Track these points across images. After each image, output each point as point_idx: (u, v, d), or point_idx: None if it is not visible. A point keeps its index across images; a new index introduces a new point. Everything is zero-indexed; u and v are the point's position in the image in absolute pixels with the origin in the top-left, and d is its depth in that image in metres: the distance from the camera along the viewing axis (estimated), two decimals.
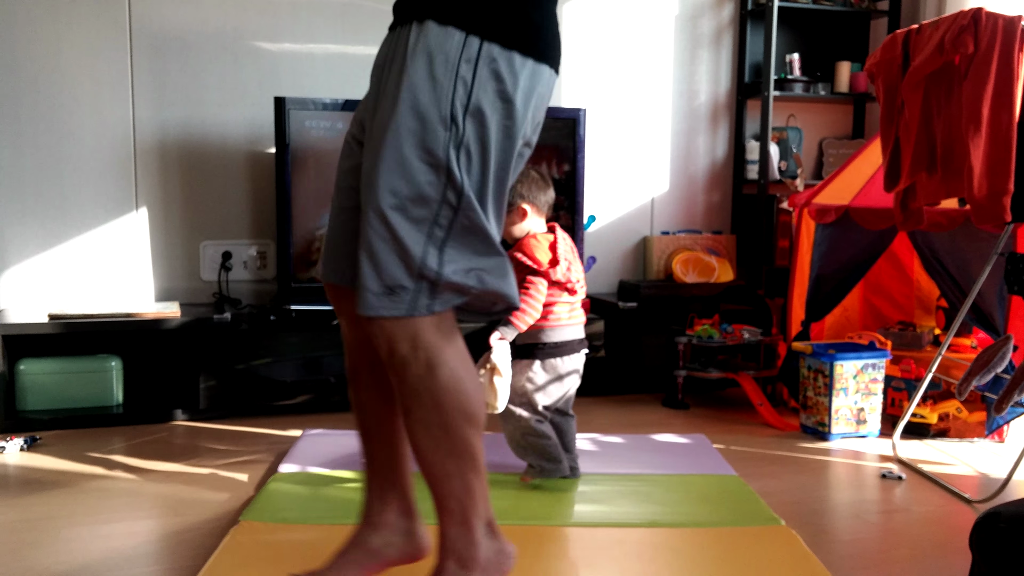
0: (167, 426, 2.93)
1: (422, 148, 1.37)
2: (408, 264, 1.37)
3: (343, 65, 3.39)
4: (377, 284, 1.37)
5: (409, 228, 1.37)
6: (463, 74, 1.37)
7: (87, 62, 3.13)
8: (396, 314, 1.38)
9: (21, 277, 3.14)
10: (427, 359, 1.41)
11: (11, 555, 1.90)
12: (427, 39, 1.39)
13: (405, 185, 1.36)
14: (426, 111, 1.36)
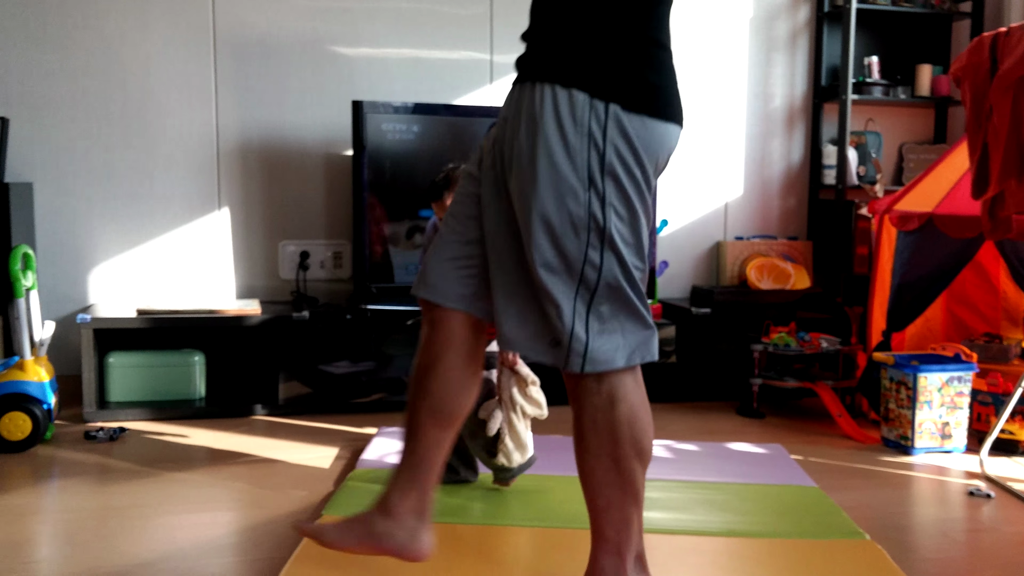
0: (247, 420, 3.00)
1: (565, 211, 1.43)
2: (563, 321, 1.46)
3: (417, 69, 3.43)
4: (545, 335, 1.48)
5: (560, 289, 1.45)
6: (595, 135, 1.42)
7: (174, 67, 3.22)
8: (559, 365, 1.48)
9: (111, 273, 3.24)
10: (610, 392, 1.48)
11: (103, 541, 1.96)
12: (555, 102, 1.43)
13: (551, 244, 1.44)
14: (565, 174, 1.42)
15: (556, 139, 1.42)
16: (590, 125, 1.42)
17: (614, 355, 1.47)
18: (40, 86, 3.11)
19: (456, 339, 1.59)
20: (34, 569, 1.83)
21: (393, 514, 1.62)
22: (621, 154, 1.43)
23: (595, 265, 1.45)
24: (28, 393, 2.57)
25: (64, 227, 3.18)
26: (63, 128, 3.14)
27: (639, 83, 1.46)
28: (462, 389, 1.62)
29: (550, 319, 1.46)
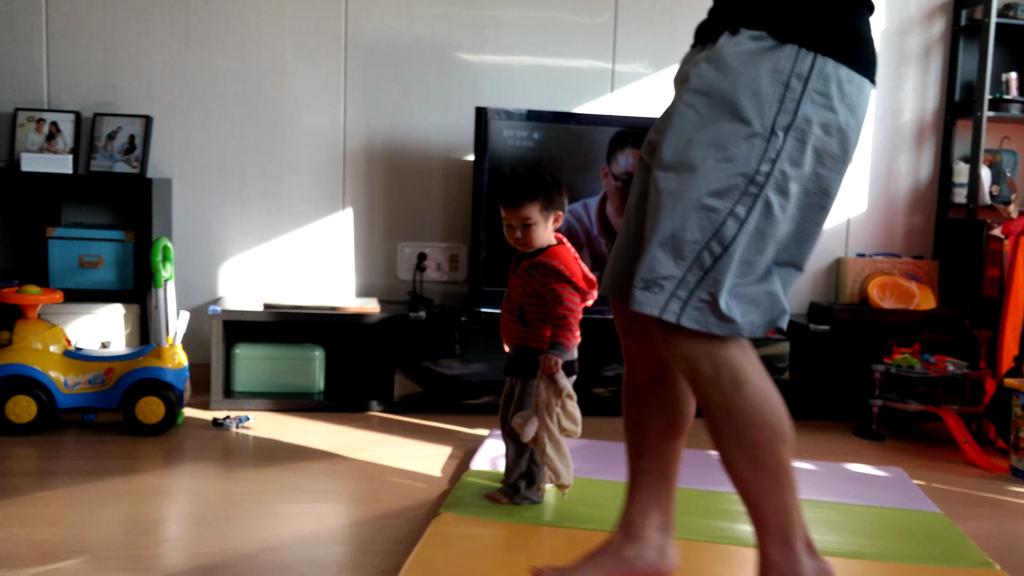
0: (362, 415, 3.08)
1: (729, 155, 1.34)
2: (678, 256, 1.35)
3: (541, 77, 3.47)
4: (641, 274, 1.37)
5: (694, 226, 1.34)
6: (793, 88, 1.34)
7: (307, 71, 3.34)
8: (650, 311, 1.37)
9: (239, 267, 3.38)
10: (731, 377, 1.40)
11: (231, 524, 2.05)
12: (758, 50, 1.35)
13: (705, 184, 1.35)
14: (747, 119, 1.34)
15: (749, 84, 1.34)
16: (791, 76, 1.34)
17: (707, 321, 1.36)
18: (182, 87, 3.27)
19: (632, 327, 1.58)
20: (168, 547, 1.93)
21: (639, 537, 1.63)
22: (818, 111, 1.35)
23: (739, 218, 1.34)
24: (163, 379, 2.69)
25: (198, 222, 3.33)
26: (202, 127, 3.30)
27: (851, 34, 1.37)
28: (684, 389, 1.59)
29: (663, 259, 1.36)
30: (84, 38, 3.19)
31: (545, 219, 2.14)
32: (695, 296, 1.35)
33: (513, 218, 2.14)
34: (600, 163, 3.25)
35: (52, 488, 2.23)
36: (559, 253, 2.14)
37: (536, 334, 2.15)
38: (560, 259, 2.12)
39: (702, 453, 2.76)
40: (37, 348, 2.65)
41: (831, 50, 1.35)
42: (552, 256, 2.13)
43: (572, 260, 2.14)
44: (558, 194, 2.16)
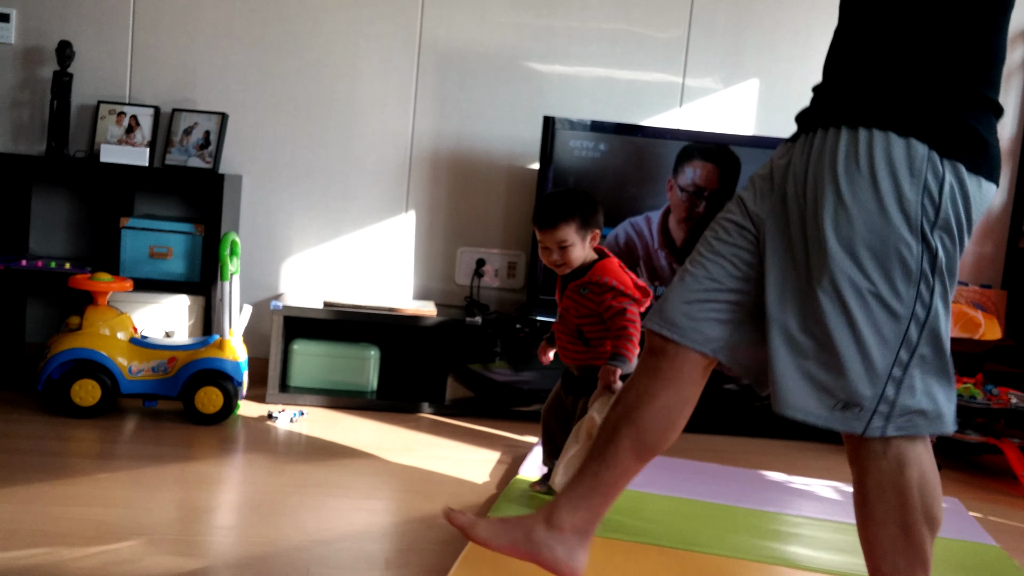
0: (414, 416, 3.11)
1: (895, 260, 1.37)
2: (872, 380, 1.38)
3: (609, 88, 3.48)
4: (831, 399, 1.41)
5: (877, 343, 1.38)
6: (931, 189, 1.36)
7: (379, 75, 3.40)
8: (853, 431, 1.40)
9: (302, 264, 3.44)
10: (897, 456, 1.41)
11: (285, 515, 2.09)
12: (888, 149, 1.37)
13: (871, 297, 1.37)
14: (896, 224, 1.36)
15: (888, 186, 1.36)
16: (926, 178, 1.36)
17: (916, 424, 1.39)
18: (258, 86, 3.35)
19: (683, 379, 1.56)
20: (221, 534, 1.98)
21: (557, 527, 1.62)
22: (957, 213, 1.37)
23: (920, 321, 1.38)
24: (223, 371, 2.76)
25: (265, 218, 3.41)
26: (274, 126, 3.37)
27: (980, 143, 1.39)
28: (671, 427, 1.59)
29: (849, 378, 1.39)
30: (167, 36, 3.29)
31: (582, 239, 2.13)
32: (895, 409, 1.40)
33: (549, 240, 2.13)
34: (666, 177, 3.25)
35: (111, 471, 2.30)
36: (607, 267, 2.13)
37: (599, 352, 2.16)
38: (609, 273, 2.11)
39: (751, 472, 2.74)
40: (105, 334, 2.74)
41: (962, 156, 1.37)
42: (601, 272, 2.12)
43: (620, 271, 2.14)
44: (594, 213, 2.15)
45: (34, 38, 3.23)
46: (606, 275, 2.10)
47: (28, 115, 3.25)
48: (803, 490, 2.63)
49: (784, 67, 3.54)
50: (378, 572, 1.83)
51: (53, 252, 3.31)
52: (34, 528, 1.88)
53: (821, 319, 1.39)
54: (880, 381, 1.38)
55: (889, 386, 1.38)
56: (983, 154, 1.39)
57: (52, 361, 2.69)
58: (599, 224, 2.16)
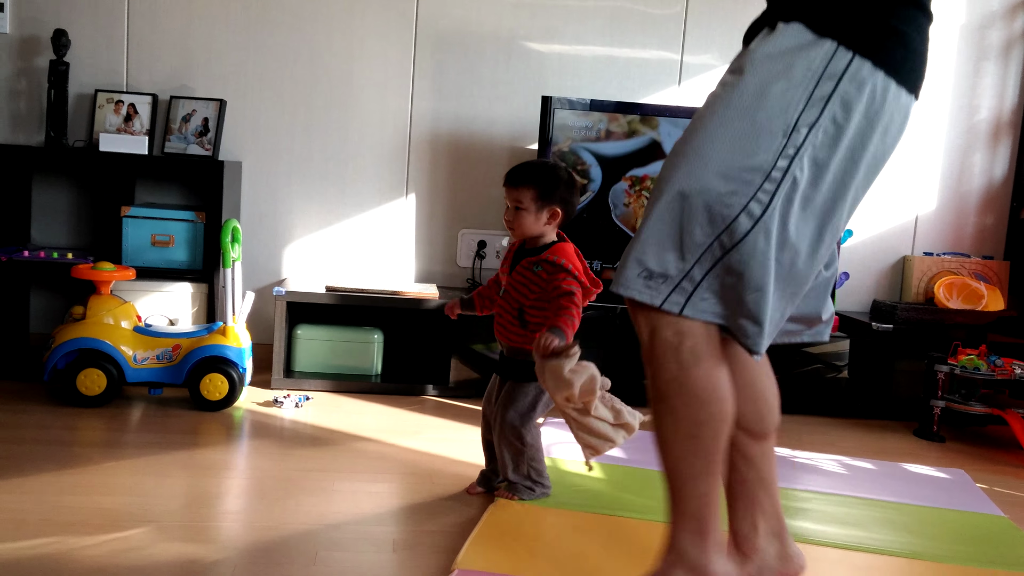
0: (418, 399, 3.12)
1: (750, 146, 1.31)
2: (682, 253, 1.33)
3: (608, 67, 3.46)
4: (639, 265, 1.36)
5: (702, 222, 1.32)
6: (822, 86, 1.30)
7: (376, 57, 3.38)
8: (645, 301, 1.35)
9: (304, 250, 3.44)
10: (693, 349, 1.36)
11: (291, 500, 2.10)
12: (790, 42, 1.32)
13: (718, 171, 1.32)
14: (770, 112, 1.31)
15: (777, 77, 1.31)
16: (822, 75, 1.30)
17: (705, 310, 1.34)
18: (255, 72, 3.33)
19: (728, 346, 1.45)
20: (228, 520, 1.98)
21: (753, 549, 1.57)
22: (844, 113, 1.31)
23: (753, 216, 1.31)
24: (228, 357, 2.76)
25: (266, 204, 3.40)
26: (272, 111, 3.36)
27: (897, 40, 1.32)
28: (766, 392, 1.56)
29: (668, 252, 1.34)
30: (163, 22, 3.27)
31: (537, 210, 2.06)
32: (697, 289, 1.35)
33: (509, 198, 2.10)
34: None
35: (118, 459, 2.31)
36: (564, 250, 2.09)
37: (535, 337, 2.03)
38: (566, 256, 2.07)
39: None
40: (109, 323, 2.74)
41: (871, 53, 1.30)
42: (558, 252, 2.07)
43: (575, 257, 2.10)
44: (561, 190, 2.07)
45: (29, 27, 3.21)
46: (560, 256, 2.05)
47: (26, 105, 3.24)
48: (808, 464, 2.64)
49: None
50: (385, 555, 1.84)
51: (55, 242, 3.31)
52: (42, 518, 1.89)
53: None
54: (689, 262, 1.33)
55: (696, 269, 1.34)
56: (898, 53, 1.32)
57: (57, 351, 2.69)
58: (564, 203, 2.08)
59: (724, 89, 1.37)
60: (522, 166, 2.13)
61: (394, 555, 1.84)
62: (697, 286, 1.34)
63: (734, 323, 1.35)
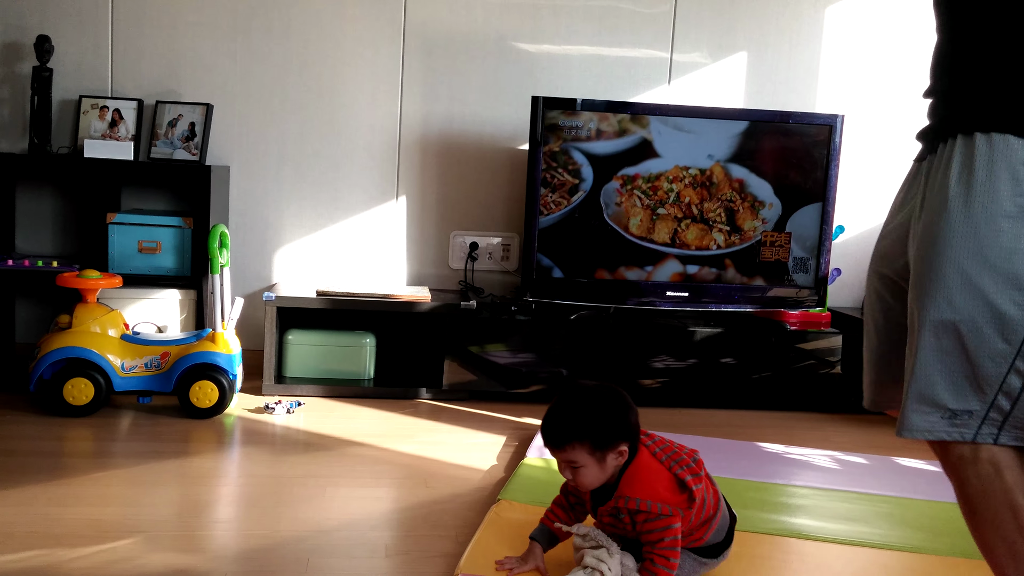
0: (412, 402, 3.10)
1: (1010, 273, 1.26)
2: (980, 386, 1.30)
3: (598, 66, 3.44)
4: (939, 404, 1.32)
5: (986, 355, 1.28)
6: None
7: (365, 60, 3.36)
8: (958, 439, 1.33)
9: (294, 254, 3.42)
10: (991, 459, 1.32)
11: (286, 507, 2.08)
12: (1003, 152, 1.25)
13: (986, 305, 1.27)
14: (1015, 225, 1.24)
15: (1008, 191, 1.24)
16: None
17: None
18: (242, 75, 3.31)
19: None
20: (220, 528, 1.96)
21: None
22: None
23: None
24: (217, 364, 2.74)
25: (255, 209, 3.37)
26: (260, 115, 3.33)
27: None
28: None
29: (962, 386, 1.31)
30: (148, 27, 3.25)
31: (599, 460, 1.66)
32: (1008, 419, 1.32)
33: (559, 458, 1.70)
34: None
35: (107, 469, 2.28)
36: (635, 480, 1.68)
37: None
38: (639, 489, 1.66)
39: (749, 444, 2.73)
40: (96, 332, 2.72)
41: None
42: (629, 489, 1.67)
43: (655, 480, 1.67)
44: (614, 428, 1.66)
45: (11, 33, 3.18)
46: (636, 494, 1.65)
47: (8, 112, 3.21)
48: (801, 460, 2.63)
49: (772, 40, 3.51)
50: (378, 560, 1.82)
51: (40, 250, 3.27)
52: (31, 530, 1.87)
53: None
54: (994, 388, 1.30)
55: (1001, 397, 1.30)
56: None
57: (43, 361, 2.66)
58: (626, 437, 1.67)
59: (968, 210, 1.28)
60: (556, 418, 1.68)
61: (387, 560, 1.82)
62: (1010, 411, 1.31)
63: None
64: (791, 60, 3.53)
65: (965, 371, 1.30)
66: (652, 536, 1.64)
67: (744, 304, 3.29)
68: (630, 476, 1.66)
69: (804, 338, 3.28)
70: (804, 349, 3.26)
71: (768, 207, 3.26)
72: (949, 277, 1.28)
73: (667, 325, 3.25)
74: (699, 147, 3.21)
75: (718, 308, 3.28)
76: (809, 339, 3.28)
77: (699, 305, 3.26)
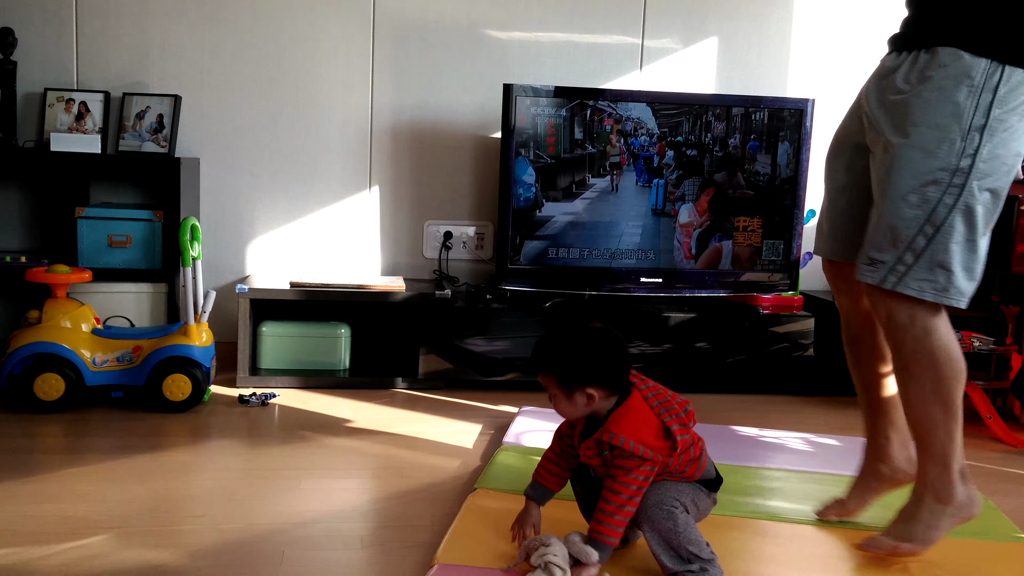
0: (388, 392, 3.09)
1: (935, 157, 1.66)
2: (895, 243, 1.69)
3: (570, 53, 3.44)
4: (863, 255, 1.74)
5: (907, 216, 1.67)
6: (984, 96, 1.64)
7: (335, 49, 3.33)
8: (871, 282, 1.72)
9: (266, 246, 3.40)
10: (923, 326, 1.69)
11: (260, 500, 2.07)
12: (956, 69, 1.66)
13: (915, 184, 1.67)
14: (947, 126, 1.65)
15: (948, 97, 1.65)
16: (983, 87, 1.64)
17: (923, 288, 1.67)
18: (211, 66, 3.27)
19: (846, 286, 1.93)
20: (199, 523, 1.95)
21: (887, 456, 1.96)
22: (1006, 114, 1.64)
23: (948, 206, 1.66)
24: (190, 357, 2.72)
25: (226, 201, 3.35)
26: (229, 106, 3.30)
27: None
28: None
29: (884, 242, 1.70)
30: (114, 17, 3.20)
31: (567, 396, 1.66)
32: (910, 271, 1.69)
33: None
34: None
35: (79, 465, 2.26)
36: (622, 418, 1.66)
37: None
38: (625, 427, 1.64)
39: (723, 427, 2.75)
40: (66, 327, 2.69)
41: (1018, 60, 1.64)
42: (614, 426, 1.64)
43: (642, 423, 1.65)
44: (584, 371, 1.64)
45: None
46: (620, 432, 1.63)
47: None
48: (775, 443, 2.65)
49: (743, 25, 3.52)
50: (354, 551, 1.82)
51: (8, 246, 3.23)
52: (1, 528, 1.85)
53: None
54: (901, 246, 1.68)
55: (907, 255, 1.68)
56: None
57: (12, 356, 2.63)
58: (595, 381, 1.65)
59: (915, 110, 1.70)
60: (543, 342, 1.70)
61: (363, 552, 1.82)
62: (908, 268, 1.69)
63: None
64: (762, 45, 3.55)
65: (888, 231, 1.70)
66: (618, 473, 1.63)
67: (717, 289, 3.31)
68: (619, 415, 1.66)
69: (777, 322, 3.30)
70: (777, 332, 3.29)
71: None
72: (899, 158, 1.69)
73: (641, 311, 3.27)
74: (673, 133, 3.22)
75: (691, 293, 3.30)
76: (782, 323, 3.30)
77: (672, 291, 3.28)
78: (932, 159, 1.65)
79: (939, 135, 1.64)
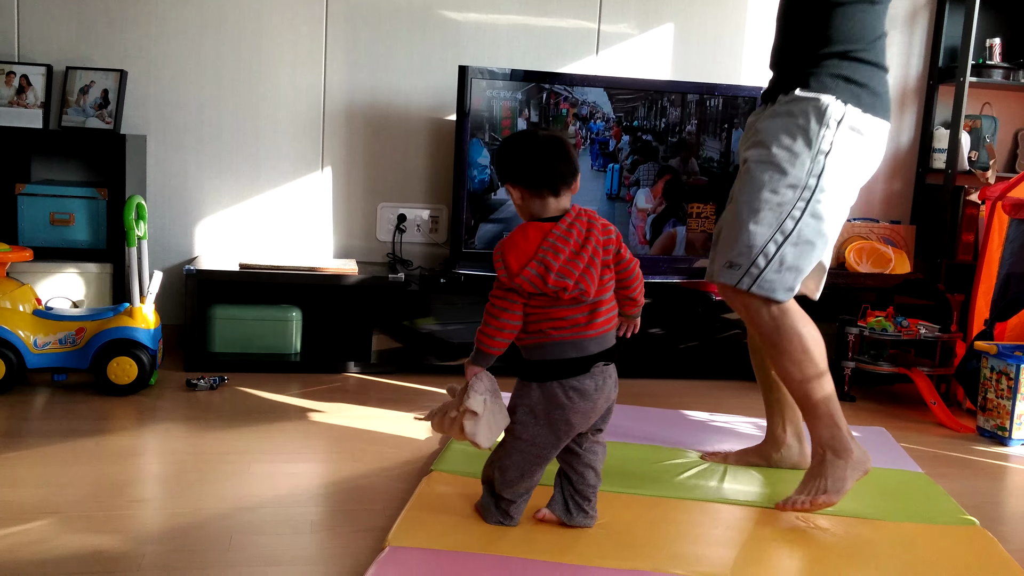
0: (340, 376, 3.06)
1: (784, 175, 1.92)
2: (750, 250, 1.93)
3: (525, 36, 3.42)
4: (722, 258, 1.98)
5: (758, 225, 1.92)
6: (828, 127, 1.91)
7: (286, 28, 3.28)
8: (729, 283, 1.95)
9: (215, 227, 3.33)
10: (777, 308, 1.94)
11: (206, 485, 2.04)
12: (802, 104, 1.94)
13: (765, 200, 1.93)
14: (798, 149, 1.92)
15: (796, 126, 1.93)
16: (826, 120, 1.91)
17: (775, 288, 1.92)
18: (157, 41, 3.20)
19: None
20: (140, 508, 1.91)
21: (782, 443, 2.24)
22: (846, 141, 1.91)
23: (795, 218, 1.91)
24: (136, 339, 2.66)
25: (174, 180, 3.28)
26: (178, 83, 3.23)
27: (870, 91, 1.95)
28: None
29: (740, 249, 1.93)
30: None
31: (508, 190, 1.77)
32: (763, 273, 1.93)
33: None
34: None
35: (21, 449, 2.20)
36: (513, 233, 1.74)
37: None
38: (506, 241, 1.72)
39: (674, 412, 2.77)
40: (6, 307, 2.61)
41: (856, 102, 1.92)
42: (505, 238, 1.75)
43: (517, 244, 1.70)
44: (504, 167, 1.76)
45: None
46: (501, 245, 1.71)
47: None
48: (726, 428, 2.68)
49: (699, 10, 3.53)
50: (303, 536, 1.80)
51: None
52: None
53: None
54: (755, 253, 1.93)
55: (760, 259, 1.92)
56: (873, 99, 1.95)
57: None
58: (510, 179, 1.75)
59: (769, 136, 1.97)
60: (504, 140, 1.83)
61: (313, 536, 1.80)
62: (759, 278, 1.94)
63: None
64: (717, 33, 3.56)
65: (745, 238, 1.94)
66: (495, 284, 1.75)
67: (670, 275, 3.33)
68: (517, 228, 1.74)
69: (729, 308, 3.32)
70: (729, 319, 3.32)
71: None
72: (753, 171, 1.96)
73: None
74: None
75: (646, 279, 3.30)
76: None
77: None
78: (784, 175, 1.91)
79: (789, 154, 1.91)
